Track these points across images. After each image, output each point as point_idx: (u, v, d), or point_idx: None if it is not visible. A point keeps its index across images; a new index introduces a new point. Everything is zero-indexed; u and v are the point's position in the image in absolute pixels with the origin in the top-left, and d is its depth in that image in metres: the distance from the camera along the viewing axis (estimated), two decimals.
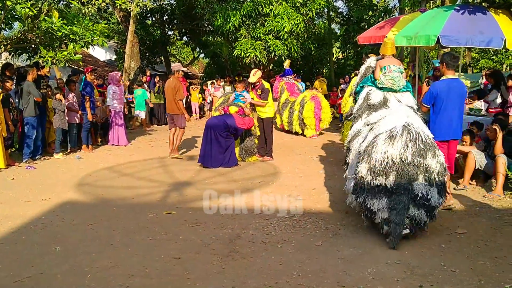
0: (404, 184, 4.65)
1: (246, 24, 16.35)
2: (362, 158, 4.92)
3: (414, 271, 4.06)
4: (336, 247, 4.64)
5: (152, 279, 3.95)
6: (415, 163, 4.66)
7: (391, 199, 4.69)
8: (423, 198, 4.67)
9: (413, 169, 4.66)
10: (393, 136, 4.79)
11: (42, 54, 8.82)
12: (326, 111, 12.41)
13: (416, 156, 4.67)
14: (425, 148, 4.71)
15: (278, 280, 3.89)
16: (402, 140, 4.73)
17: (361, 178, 4.87)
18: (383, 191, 4.73)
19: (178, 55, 31.20)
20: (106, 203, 6.28)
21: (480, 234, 5.00)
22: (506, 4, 8.42)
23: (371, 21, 20.00)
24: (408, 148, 4.69)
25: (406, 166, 4.66)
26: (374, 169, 4.74)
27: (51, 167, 8.60)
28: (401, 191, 4.65)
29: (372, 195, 4.79)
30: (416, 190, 4.67)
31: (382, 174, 4.71)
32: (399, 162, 4.67)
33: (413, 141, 4.72)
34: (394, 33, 9.14)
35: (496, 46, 7.85)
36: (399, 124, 4.90)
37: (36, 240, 4.89)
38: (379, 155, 4.73)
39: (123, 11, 16.18)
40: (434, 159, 4.72)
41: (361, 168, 4.88)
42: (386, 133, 4.88)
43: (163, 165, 8.85)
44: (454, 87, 5.78)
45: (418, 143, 4.71)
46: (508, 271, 4.07)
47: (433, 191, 4.74)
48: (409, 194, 4.66)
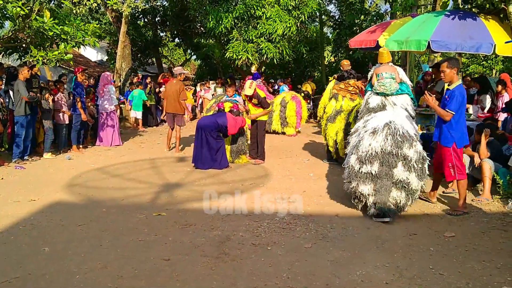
0: (385, 170, 5.49)
1: (238, 26, 16.37)
2: (351, 150, 5.87)
3: (402, 274, 4.08)
4: (326, 249, 4.66)
5: (141, 280, 3.94)
6: (393, 152, 5.50)
7: (376, 183, 5.51)
8: (403, 182, 5.50)
9: (392, 158, 5.50)
10: (375, 132, 5.68)
11: (33, 54, 8.77)
12: (304, 110, 13.88)
13: (394, 147, 5.50)
14: (402, 140, 5.52)
15: (267, 282, 3.90)
16: (383, 134, 5.61)
17: (351, 167, 5.70)
18: (370, 177, 5.55)
19: (170, 56, 31.17)
20: (96, 204, 6.25)
21: (468, 238, 5.04)
22: (496, 10, 8.51)
23: (363, 25, 20.09)
24: (387, 141, 5.55)
25: (386, 155, 5.51)
26: (361, 159, 5.60)
27: (41, 167, 8.55)
28: (383, 176, 5.48)
29: (361, 182, 5.57)
30: (396, 176, 5.50)
31: (367, 162, 5.55)
32: (380, 152, 5.53)
33: (392, 134, 5.57)
34: (385, 37, 9.20)
35: (486, 51, 7.95)
36: (382, 122, 5.76)
37: (24, 241, 4.86)
38: (365, 147, 5.61)
39: (115, 12, 16.14)
40: (411, 149, 5.52)
41: (351, 158, 5.76)
42: (371, 129, 5.75)
43: (153, 166, 8.83)
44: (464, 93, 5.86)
45: (396, 136, 5.55)
46: (495, 274, 4.10)
47: (412, 176, 5.51)
48: (390, 179, 5.49)
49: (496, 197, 6.47)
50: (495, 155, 6.81)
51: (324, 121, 8.96)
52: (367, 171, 5.55)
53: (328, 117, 8.76)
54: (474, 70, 23.06)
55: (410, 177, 5.51)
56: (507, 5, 7.74)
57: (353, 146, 5.88)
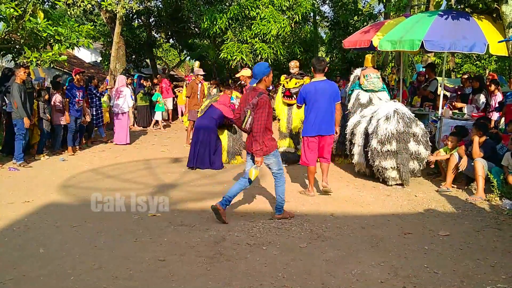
0: (402, 146, 6.98)
1: (233, 27, 16.36)
2: (372, 136, 7.18)
3: (397, 273, 4.10)
4: (321, 249, 4.67)
5: (136, 281, 3.93)
6: (406, 131, 6.98)
7: (397, 158, 7.00)
8: (416, 153, 7.07)
9: (405, 136, 6.98)
10: (388, 118, 7.08)
11: (27, 55, 8.72)
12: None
13: (406, 127, 6.99)
14: (409, 121, 7.08)
15: (262, 282, 3.90)
16: (395, 119, 7.03)
17: (374, 149, 7.10)
18: (390, 154, 6.99)
19: (164, 57, 31.10)
20: (90, 205, 6.22)
21: (463, 237, 5.07)
22: (489, 9, 8.55)
23: (356, 26, 20.15)
24: (399, 123, 7.00)
25: (400, 134, 6.97)
26: (381, 141, 7.01)
27: (35, 169, 8.51)
28: (402, 151, 6.99)
29: (383, 159, 7.05)
30: (410, 149, 7.03)
31: (387, 143, 6.97)
32: (395, 133, 6.96)
33: (402, 118, 7.05)
34: (379, 37, 9.22)
35: (479, 51, 7.98)
36: (391, 110, 7.16)
37: (18, 242, 4.83)
38: (383, 131, 7.01)
39: (109, 13, 16.09)
40: (417, 127, 7.11)
41: (373, 142, 7.12)
42: (384, 116, 7.13)
43: (148, 167, 8.82)
44: (321, 87, 6.45)
45: (405, 119, 7.06)
46: (489, 272, 4.13)
47: (421, 147, 7.10)
48: (407, 152, 6.99)
49: (490, 196, 6.51)
50: (489, 154, 6.85)
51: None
52: (387, 149, 6.97)
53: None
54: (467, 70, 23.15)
55: (420, 149, 7.07)
56: (500, 5, 7.78)
57: (371, 133, 7.24)
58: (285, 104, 8.80)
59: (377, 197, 6.68)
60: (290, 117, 8.76)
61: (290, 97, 8.62)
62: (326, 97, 6.43)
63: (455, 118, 8.82)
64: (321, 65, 6.52)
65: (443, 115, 8.87)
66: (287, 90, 8.62)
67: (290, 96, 8.59)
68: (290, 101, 8.62)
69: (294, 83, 8.52)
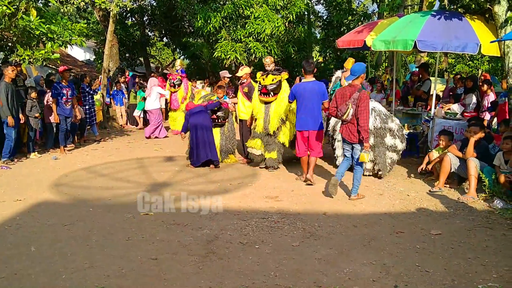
0: (379, 140, 7.66)
1: (227, 26, 16.33)
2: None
3: (389, 271, 4.11)
4: (313, 247, 4.68)
5: (128, 280, 3.93)
6: (382, 127, 7.67)
7: (375, 151, 7.62)
8: (393, 146, 7.76)
9: (382, 131, 7.66)
10: None
11: (19, 53, 8.68)
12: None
13: (382, 123, 7.69)
14: (386, 117, 7.79)
15: (255, 281, 3.90)
16: (372, 116, 7.61)
17: None
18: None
19: (158, 56, 31.01)
20: (83, 204, 6.21)
21: (454, 236, 5.09)
22: (482, 10, 8.59)
23: (350, 25, 20.18)
24: (377, 120, 7.69)
25: (378, 130, 7.66)
26: None
27: (27, 167, 8.47)
28: (379, 145, 7.64)
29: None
30: (387, 143, 7.71)
31: None
32: (373, 128, 7.58)
33: (378, 115, 7.76)
34: (372, 37, 9.24)
35: (471, 51, 8.01)
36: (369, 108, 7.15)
37: (10, 241, 4.81)
38: None
39: (103, 11, 16.00)
40: (393, 123, 7.81)
41: None
42: None
43: (141, 166, 8.79)
44: (310, 87, 7.12)
45: (381, 116, 7.77)
46: (481, 271, 4.15)
47: (397, 141, 7.80)
48: (383, 146, 7.67)
49: (481, 195, 6.54)
50: (482, 154, 6.88)
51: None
52: None
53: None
54: (460, 70, 23.27)
55: (396, 142, 7.78)
56: (492, 5, 7.82)
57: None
58: (262, 102, 8.15)
59: (370, 196, 6.69)
60: (267, 116, 8.09)
61: (267, 94, 7.99)
62: (314, 97, 7.12)
63: (448, 118, 8.86)
64: (311, 67, 7.25)
65: (436, 114, 8.90)
66: (264, 87, 8.00)
67: (267, 94, 7.98)
68: (268, 99, 8.02)
69: (271, 79, 7.97)
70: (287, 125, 8.12)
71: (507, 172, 6.35)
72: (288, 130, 8.13)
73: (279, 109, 7.93)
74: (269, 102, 8.07)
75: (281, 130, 8.09)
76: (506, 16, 7.64)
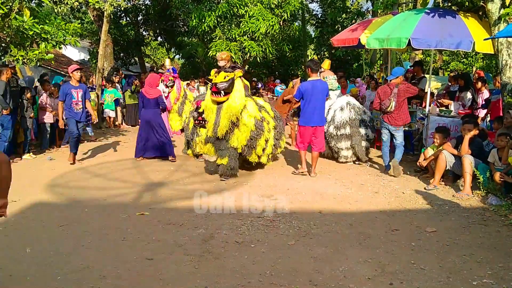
0: (355, 130, 8.76)
1: (221, 25, 16.34)
2: (330, 123, 8.87)
3: (384, 269, 4.13)
4: (309, 246, 4.69)
5: (124, 280, 3.92)
6: (356, 118, 8.81)
7: (351, 140, 8.75)
8: (365, 135, 8.84)
9: (357, 122, 8.78)
10: (342, 108, 8.94)
11: (13, 53, 8.65)
12: None
13: (356, 114, 8.84)
14: (359, 110, 8.97)
15: (250, 280, 3.91)
16: (348, 109, 8.87)
17: (330, 133, 8.85)
18: (346, 137, 8.76)
19: (152, 55, 30.99)
20: (78, 204, 6.19)
21: (449, 233, 5.11)
22: (475, 7, 8.63)
23: (344, 24, 20.22)
24: (351, 112, 8.84)
25: (353, 121, 8.77)
26: (337, 126, 8.82)
27: (22, 168, 8.43)
28: (355, 135, 8.74)
29: (338, 140, 8.83)
30: (361, 132, 8.77)
31: (342, 128, 8.78)
32: (348, 120, 8.77)
33: (353, 108, 8.92)
34: (366, 35, 9.27)
35: (465, 48, 8.04)
36: (344, 102, 9.04)
37: (5, 242, 4.79)
38: (338, 119, 8.85)
39: (97, 11, 15.97)
40: (365, 115, 9.00)
41: (330, 128, 8.87)
42: (339, 107, 8.96)
43: (136, 166, 8.77)
44: (317, 86, 7.64)
45: (355, 108, 8.95)
46: (475, 268, 4.17)
47: (369, 131, 8.92)
48: (359, 135, 8.72)
49: (476, 192, 6.57)
50: (477, 151, 6.91)
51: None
52: (342, 133, 8.75)
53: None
54: (455, 68, 23.34)
55: (368, 132, 8.87)
56: (486, 2, 7.84)
57: (329, 121, 8.85)
58: (214, 103, 7.32)
59: (365, 195, 6.71)
60: (218, 117, 7.23)
61: (217, 94, 7.18)
62: (320, 94, 7.64)
63: (442, 116, 8.89)
64: (317, 67, 7.91)
65: (430, 112, 8.93)
66: (214, 85, 7.21)
67: (218, 93, 7.17)
68: (219, 98, 7.20)
69: (223, 77, 7.17)
70: (241, 129, 7.31)
71: (501, 169, 6.38)
72: (242, 134, 7.33)
73: (229, 110, 7.15)
74: (221, 102, 7.26)
75: (234, 134, 7.32)
76: (499, 13, 7.66)
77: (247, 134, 7.33)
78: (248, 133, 7.33)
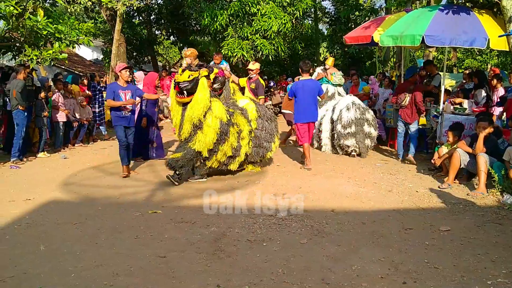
0: (359, 129, 9.31)
1: (233, 23, 16.34)
2: (337, 122, 9.49)
3: (398, 268, 4.09)
4: (321, 245, 4.67)
5: (137, 278, 3.94)
6: (361, 117, 9.37)
7: (356, 138, 9.32)
8: (368, 134, 9.42)
9: (361, 121, 9.34)
10: (348, 107, 9.44)
11: (27, 53, 8.73)
12: None
13: (361, 114, 9.38)
14: (363, 110, 9.47)
15: (262, 278, 3.90)
16: (353, 108, 9.38)
17: (339, 131, 9.46)
18: (351, 135, 9.31)
19: (165, 54, 31.10)
20: (91, 202, 6.24)
21: (464, 231, 5.06)
22: (490, 4, 8.52)
23: (357, 21, 20.11)
24: (357, 111, 9.37)
25: (358, 120, 9.33)
26: (344, 125, 9.35)
27: (36, 167, 8.53)
28: (359, 133, 9.31)
29: (345, 138, 9.38)
30: (365, 130, 9.37)
31: (348, 126, 9.31)
32: (354, 119, 9.31)
33: (358, 108, 9.44)
34: (379, 32, 9.21)
35: (480, 45, 7.95)
36: (350, 102, 9.56)
37: (19, 240, 4.84)
38: (345, 118, 9.37)
39: (110, 10, 16.09)
40: (369, 114, 9.55)
41: (338, 126, 9.46)
42: (345, 107, 9.47)
43: (149, 164, 8.82)
44: (308, 85, 8.21)
45: (360, 108, 9.46)
46: (490, 267, 4.12)
47: (372, 129, 9.49)
48: (363, 133, 9.32)
49: (491, 191, 6.49)
50: (492, 149, 6.83)
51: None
52: (348, 131, 9.29)
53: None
54: (469, 65, 23.10)
55: (371, 130, 9.45)
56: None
57: (335, 120, 9.51)
58: (179, 104, 6.99)
59: (378, 193, 6.67)
60: (183, 118, 6.94)
61: (180, 94, 6.82)
62: (311, 93, 8.17)
63: (457, 113, 8.80)
64: (307, 67, 8.33)
65: (445, 110, 8.84)
66: (177, 84, 6.82)
67: (181, 93, 6.80)
68: (182, 99, 6.83)
69: (187, 76, 6.79)
70: (204, 131, 6.89)
71: None
72: (205, 136, 6.90)
73: (192, 112, 6.80)
74: (186, 103, 6.90)
75: (196, 137, 6.92)
76: None
77: (213, 136, 6.89)
78: (213, 135, 6.88)
